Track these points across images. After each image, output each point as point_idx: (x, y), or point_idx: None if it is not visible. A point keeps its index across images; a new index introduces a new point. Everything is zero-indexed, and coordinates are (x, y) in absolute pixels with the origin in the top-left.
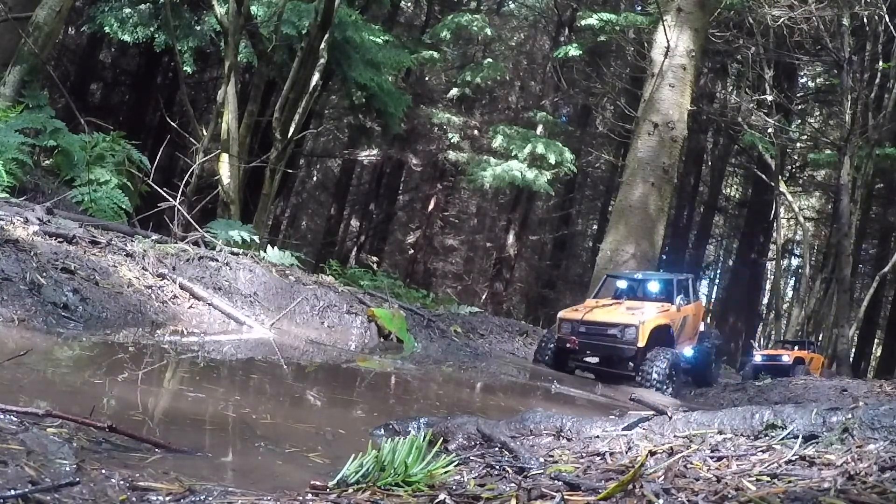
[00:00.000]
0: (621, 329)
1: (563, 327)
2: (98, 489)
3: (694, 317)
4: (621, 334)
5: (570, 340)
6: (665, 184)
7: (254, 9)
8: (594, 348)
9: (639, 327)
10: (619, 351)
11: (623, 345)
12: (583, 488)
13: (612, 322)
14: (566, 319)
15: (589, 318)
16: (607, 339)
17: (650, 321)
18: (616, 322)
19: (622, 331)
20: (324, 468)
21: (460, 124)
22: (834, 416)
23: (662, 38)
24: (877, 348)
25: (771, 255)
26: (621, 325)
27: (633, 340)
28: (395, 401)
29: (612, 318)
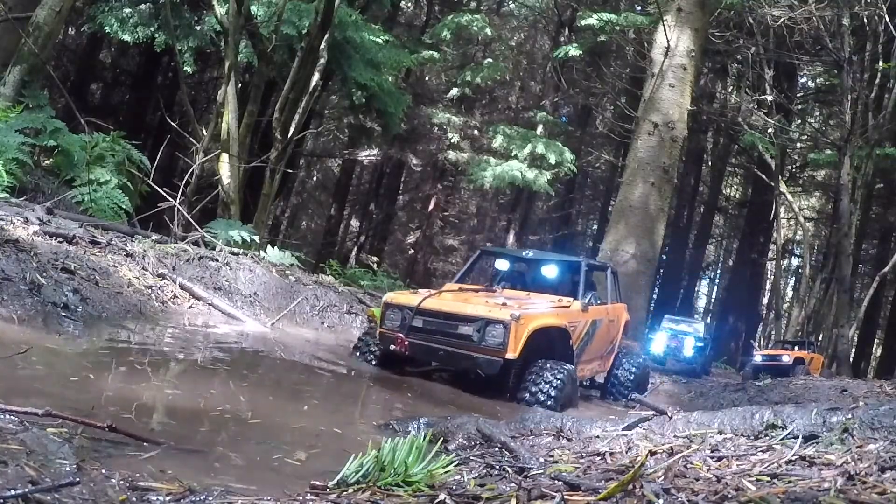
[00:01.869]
0: (480, 327)
1: (387, 318)
2: (98, 489)
3: (610, 325)
4: (480, 335)
5: (397, 340)
6: (665, 184)
7: (254, 9)
8: (434, 355)
9: (510, 326)
10: (475, 362)
11: (482, 353)
12: (583, 488)
13: (467, 315)
14: (393, 305)
15: (430, 305)
16: (456, 343)
17: (532, 318)
18: (473, 315)
19: (482, 329)
20: (324, 467)
21: (460, 124)
22: (834, 416)
23: (662, 38)
24: (877, 348)
25: (771, 255)
26: (481, 321)
27: (498, 346)
28: (393, 400)
29: (468, 309)
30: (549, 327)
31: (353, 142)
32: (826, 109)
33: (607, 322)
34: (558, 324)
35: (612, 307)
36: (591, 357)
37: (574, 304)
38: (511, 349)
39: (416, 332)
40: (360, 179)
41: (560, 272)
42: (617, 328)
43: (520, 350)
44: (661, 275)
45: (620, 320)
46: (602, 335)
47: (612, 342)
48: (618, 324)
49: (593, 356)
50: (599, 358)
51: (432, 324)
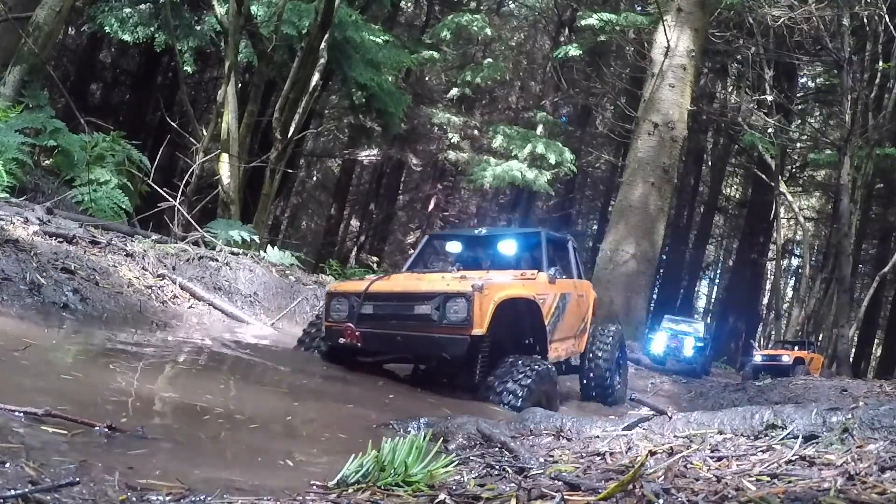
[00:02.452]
0: (440, 303)
1: (333, 309)
2: (98, 489)
3: (580, 300)
4: (440, 313)
5: (346, 332)
6: (665, 184)
7: (254, 9)
8: (390, 343)
9: (473, 297)
10: (437, 344)
11: (444, 332)
12: (583, 488)
13: (423, 292)
14: (338, 294)
15: (381, 288)
16: (414, 326)
17: (497, 288)
18: (430, 291)
19: (442, 306)
20: (324, 467)
21: (460, 124)
22: (834, 416)
23: (662, 38)
24: (877, 348)
25: (771, 255)
26: (439, 296)
27: (462, 323)
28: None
29: (423, 286)
30: (516, 299)
31: (353, 142)
32: (826, 109)
33: (577, 297)
34: (526, 295)
35: (578, 282)
36: (564, 335)
37: (539, 275)
38: (477, 324)
39: (367, 319)
40: (360, 179)
41: (519, 247)
42: (587, 305)
43: (487, 324)
44: (661, 275)
45: (589, 297)
46: (573, 311)
47: (584, 320)
48: (587, 300)
49: (566, 334)
50: (573, 337)
51: (385, 308)
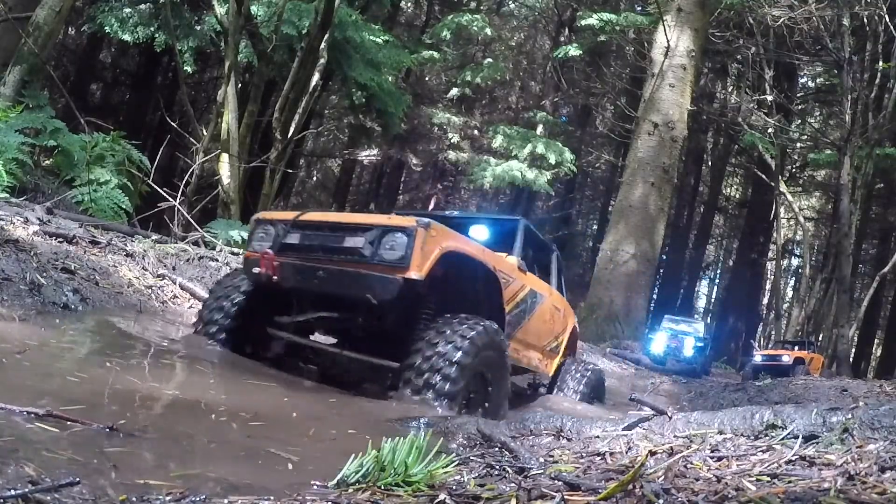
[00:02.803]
0: (375, 237)
1: (256, 237)
2: (98, 489)
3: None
4: (374, 248)
5: (262, 259)
6: (665, 184)
7: (254, 9)
8: (309, 278)
9: (415, 233)
10: (363, 285)
11: (374, 271)
12: (583, 488)
13: (358, 223)
14: (265, 221)
15: (313, 217)
16: (341, 260)
17: (449, 235)
18: (366, 223)
19: (377, 240)
20: (323, 467)
21: (460, 124)
22: (834, 416)
23: (662, 38)
24: (877, 348)
25: (771, 255)
26: (377, 229)
27: (398, 262)
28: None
29: (361, 218)
30: (471, 258)
31: (353, 142)
32: (826, 109)
33: (552, 306)
34: (483, 260)
35: (558, 295)
36: (530, 341)
37: (509, 257)
38: (415, 266)
39: (291, 250)
40: (360, 179)
41: (493, 233)
42: (563, 324)
43: (428, 270)
44: (661, 275)
45: (568, 317)
46: (544, 318)
47: (557, 339)
48: (564, 319)
49: (533, 342)
50: (541, 351)
51: (312, 238)
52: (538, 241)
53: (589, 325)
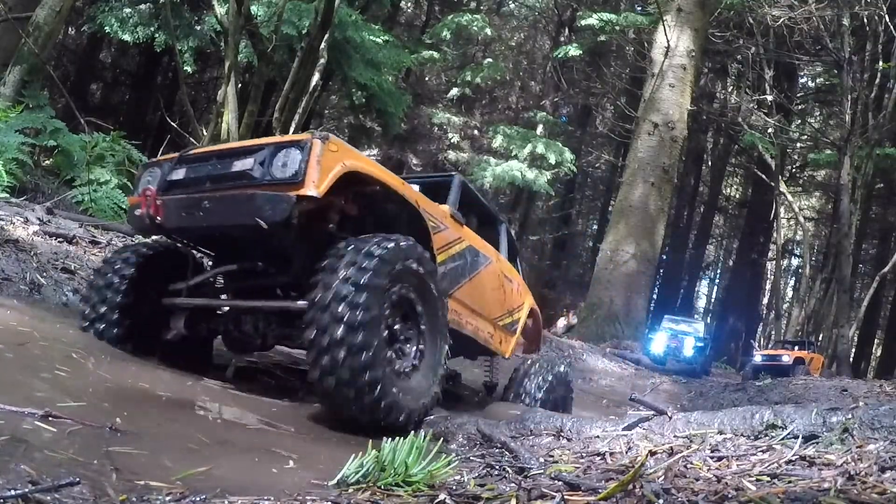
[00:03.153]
0: (266, 156)
1: (142, 182)
2: (98, 489)
3: (505, 280)
4: (264, 167)
5: (143, 197)
6: (665, 184)
7: (254, 9)
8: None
9: (311, 147)
10: (250, 207)
11: (265, 190)
12: (583, 488)
13: (248, 145)
14: (153, 164)
15: (203, 149)
16: (228, 186)
17: (354, 155)
18: (258, 144)
19: (268, 159)
20: (324, 467)
21: (460, 124)
22: (834, 416)
23: (662, 38)
24: (877, 348)
25: (771, 255)
26: (268, 147)
27: (290, 179)
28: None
29: (253, 141)
30: (385, 188)
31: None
32: (826, 109)
33: (501, 273)
34: (403, 192)
35: (509, 265)
36: (475, 307)
37: (442, 206)
38: (311, 182)
39: (176, 187)
40: None
41: (427, 194)
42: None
43: (326, 187)
44: (661, 275)
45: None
46: (493, 284)
47: (513, 313)
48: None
49: (478, 308)
50: (491, 323)
51: (199, 170)
52: (481, 205)
53: (589, 325)
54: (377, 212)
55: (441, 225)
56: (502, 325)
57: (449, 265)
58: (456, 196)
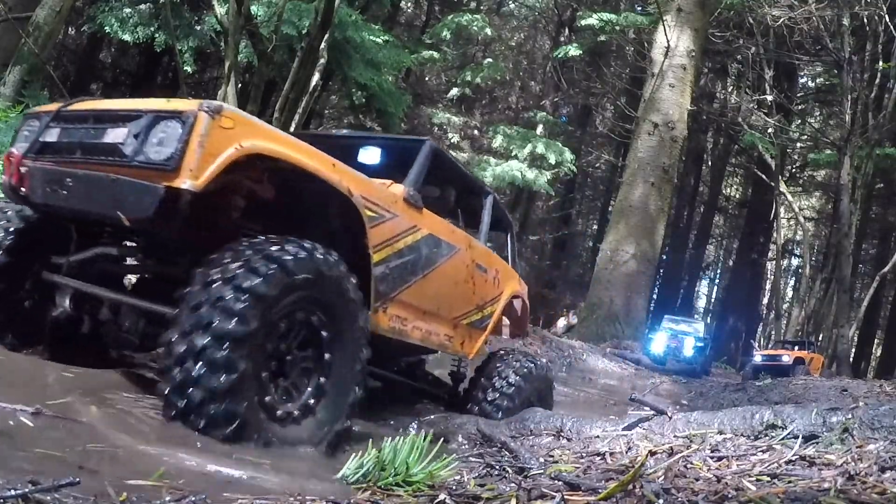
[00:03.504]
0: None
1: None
2: (98, 489)
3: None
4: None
5: (10, 171)
6: (665, 184)
7: (254, 9)
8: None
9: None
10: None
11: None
12: (583, 488)
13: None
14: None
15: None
16: (97, 162)
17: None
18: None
19: (144, 132)
20: (323, 467)
21: (460, 124)
22: (834, 416)
23: (662, 38)
24: (877, 348)
25: (771, 255)
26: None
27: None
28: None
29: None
30: (302, 172)
31: None
32: (826, 109)
33: (470, 263)
34: (328, 178)
35: (488, 252)
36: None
37: (394, 186)
38: (190, 170)
39: (48, 150)
40: None
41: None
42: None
43: (209, 177)
44: (661, 275)
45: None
46: (457, 278)
47: (483, 308)
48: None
49: (433, 309)
50: (450, 324)
51: (73, 134)
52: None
53: (589, 325)
54: (298, 198)
55: (386, 214)
56: (467, 323)
57: (394, 262)
58: (420, 170)
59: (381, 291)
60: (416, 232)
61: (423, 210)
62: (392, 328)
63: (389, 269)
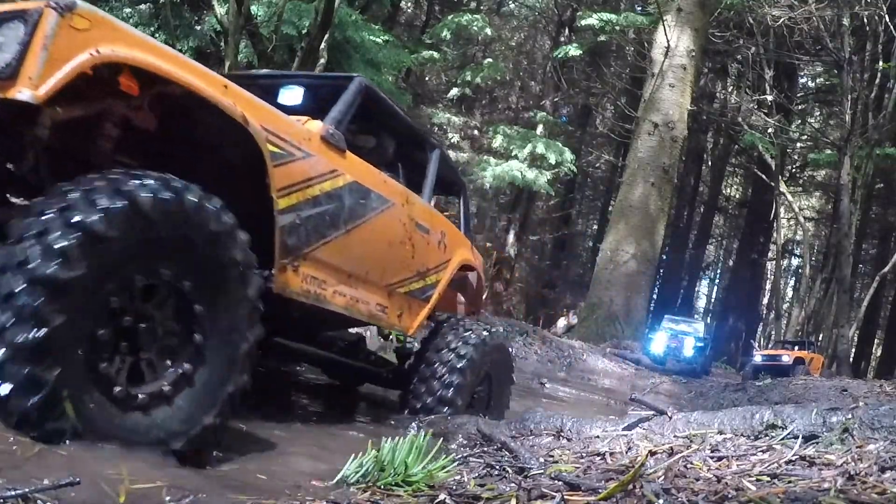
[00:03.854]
0: None
1: None
2: (98, 489)
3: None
4: None
5: None
6: (665, 184)
7: (254, 9)
8: None
9: (38, 22)
10: None
11: None
12: (583, 488)
13: None
14: None
15: None
16: None
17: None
18: None
19: None
20: (323, 467)
21: (460, 124)
22: (834, 416)
23: (662, 38)
24: (877, 348)
25: (771, 255)
26: None
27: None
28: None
29: None
30: (185, 90)
31: None
32: (826, 109)
33: (408, 221)
34: (218, 101)
35: (431, 212)
36: (351, 267)
37: (311, 122)
38: (27, 77)
39: None
40: None
41: (314, 101)
42: (440, 257)
43: (53, 87)
44: (661, 275)
45: (455, 250)
46: (391, 234)
47: (425, 275)
48: (445, 250)
49: (357, 269)
50: (381, 289)
51: None
52: (401, 123)
53: (589, 325)
54: (185, 129)
55: (296, 152)
56: (405, 291)
57: (307, 211)
58: (346, 109)
59: (290, 246)
60: (336, 177)
61: (348, 154)
62: (306, 291)
63: (301, 220)
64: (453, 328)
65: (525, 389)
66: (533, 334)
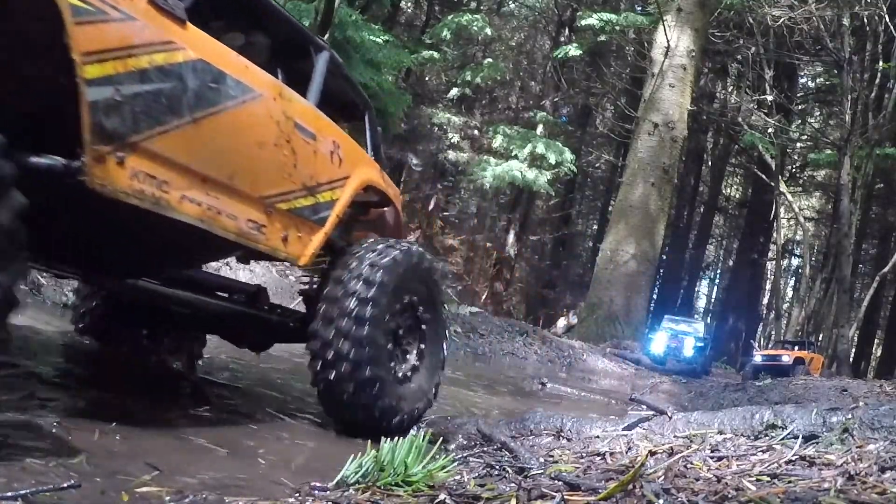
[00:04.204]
0: None
1: None
2: (99, 489)
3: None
4: None
5: None
6: (665, 184)
7: None
8: None
9: None
10: None
11: None
12: (583, 488)
13: None
14: None
15: None
16: None
17: None
18: None
19: None
20: (324, 467)
21: (460, 124)
22: (834, 416)
23: (662, 38)
24: (877, 348)
25: (771, 255)
26: None
27: None
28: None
29: None
30: None
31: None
32: (826, 109)
33: (284, 118)
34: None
35: (317, 115)
36: (203, 166)
37: None
38: None
39: None
40: None
41: None
42: (336, 171)
43: None
44: (661, 275)
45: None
46: (259, 131)
47: (315, 191)
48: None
49: (215, 170)
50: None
51: None
52: (275, 17)
53: (589, 325)
54: None
55: (111, 11)
56: (288, 209)
57: (131, 87)
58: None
59: (108, 129)
60: (173, 51)
61: (190, 27)
62: (139, 191)
63: (123, 97)
64: (356, 252)
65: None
66: (533, 334)
